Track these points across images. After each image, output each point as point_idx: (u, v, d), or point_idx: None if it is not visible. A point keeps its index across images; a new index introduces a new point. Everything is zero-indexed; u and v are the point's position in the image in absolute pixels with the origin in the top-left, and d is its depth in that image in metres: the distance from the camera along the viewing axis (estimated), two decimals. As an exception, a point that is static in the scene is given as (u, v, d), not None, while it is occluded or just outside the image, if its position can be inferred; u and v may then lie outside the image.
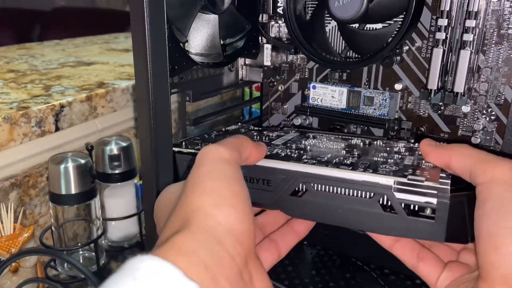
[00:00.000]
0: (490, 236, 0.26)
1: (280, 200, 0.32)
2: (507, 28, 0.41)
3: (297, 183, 0.32)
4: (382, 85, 0.49)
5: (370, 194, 0.30)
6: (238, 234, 0.25)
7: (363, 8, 0.41)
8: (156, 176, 0.41)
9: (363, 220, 0.31)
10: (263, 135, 0.44)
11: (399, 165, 0.33)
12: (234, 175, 0.27)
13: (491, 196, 0.26)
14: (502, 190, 0.26)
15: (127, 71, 0.88)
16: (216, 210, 0.25)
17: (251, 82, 0.58)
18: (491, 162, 0.28)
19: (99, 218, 0.60)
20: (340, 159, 0.34)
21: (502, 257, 0.25)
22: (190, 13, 0.44)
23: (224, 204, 0.26)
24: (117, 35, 1.58)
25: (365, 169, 0.31)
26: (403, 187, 0.30)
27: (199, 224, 0.25)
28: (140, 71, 0.38)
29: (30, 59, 1.05)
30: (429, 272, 0.32)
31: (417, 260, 0.32)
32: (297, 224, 0.34)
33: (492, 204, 0.26)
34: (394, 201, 0.30)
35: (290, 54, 0.54)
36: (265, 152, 0.33)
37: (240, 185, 0.27)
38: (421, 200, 0.29)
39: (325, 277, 0.52)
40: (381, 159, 0.35)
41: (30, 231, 0.54)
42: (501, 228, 0.25)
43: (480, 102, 0.43)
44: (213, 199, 0.26)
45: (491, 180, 0.27)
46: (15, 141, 0.58)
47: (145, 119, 0.39)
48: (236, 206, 0.26)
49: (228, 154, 0.28)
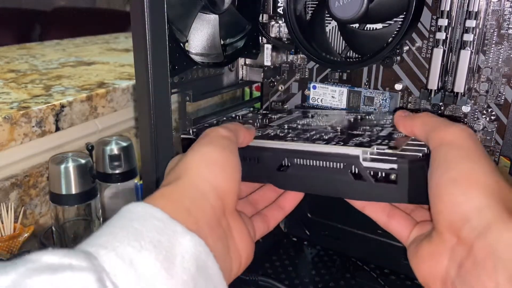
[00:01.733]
0: (436, 188, 0.28)
1: (269, 175, 0.36)
2: (507, 28, 0.41)
3: (280, 159, 0.36)
4: (382, 85, 0.49)
5: (342, 164, 0.34)
6: (221, 191, 0.30)
7: (363, 8, 0.41)
8: (156, 176, 0.41)
9: (338, 188, 0.34)
10: (266, 117, 0.49)
11: (372, 137, 0.36)
12: (228, 146, 0.32)
13: (438, 155, 0.30)
14: (448, 149, 0.29)
15: (128, 71, 0.88)
16: (206, 169, 0.30)
17: (251, 82, 0.58)
18: (442, 127, 0.31)
19: (99, 218, 0.60)
20: (322, 135, 0.38)
21: (446, 206, 0.28)
22: (190, 13, 0.44)
23: (214, 165, 0.31)
24: (117, 35, 1.58)
25: (337, 143, 0.35)
26: (370, 156, 0.33)
27: (188, 179, 0.30)
28: (141, 71, 0.38)
29: (31, 59, 1.05)
30: (400, 229, 0.34)
31: (387, 219, 0.35)
32: (284, 202, 0.39)
33: (438, 161, 0.29)
34: (361, 169, 0.33)
35: (290, 54, 0.54)
36: (254, 134, 0.38)
37: (233, 154, 0.32)
38: (386, 167, 0.32)
39: (325, 277, 0.52)
40: (361, 132, 0.38)
41: (30, 231, 0.54)
42: (444, 179, 0.28)
43: (480, 102, 0.44)
44: (206, 160, 0.31)
45: (440, 143, 0.30)
46: (16, 141, 0.58)
47: (146, 119, 0.39)
48: (225, 169, 0.31)
49: (226, 132, 0.33)
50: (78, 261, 0.22)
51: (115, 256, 0.24)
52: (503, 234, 0.25)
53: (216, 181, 0.30)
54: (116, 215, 0.27)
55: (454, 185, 0.27)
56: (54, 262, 0.22)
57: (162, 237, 0.25)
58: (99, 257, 0.23)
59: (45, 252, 0.23)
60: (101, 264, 0.23)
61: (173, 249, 0.25)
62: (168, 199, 0.28)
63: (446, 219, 0.28)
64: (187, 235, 0.26)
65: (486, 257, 0.25)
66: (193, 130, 0.45)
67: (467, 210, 0.27)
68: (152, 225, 0.26)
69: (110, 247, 0.24)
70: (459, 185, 0.27)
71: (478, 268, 0.25)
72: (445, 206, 0.28)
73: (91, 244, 0.24)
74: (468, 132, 0.30)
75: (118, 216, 0.27)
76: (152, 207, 0.27)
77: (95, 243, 0.24)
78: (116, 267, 0.23)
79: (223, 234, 0.30)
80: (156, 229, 0.26)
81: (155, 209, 0.27)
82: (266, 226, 0.37)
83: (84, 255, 0.23)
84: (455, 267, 0.27)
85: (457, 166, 0.28)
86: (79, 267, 0.22)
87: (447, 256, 0.28)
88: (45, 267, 0.21)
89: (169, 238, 0.26)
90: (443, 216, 0.28)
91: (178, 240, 0.26)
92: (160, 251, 0.25)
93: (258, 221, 0.37)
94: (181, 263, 0.25)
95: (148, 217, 0.26)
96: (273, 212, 0.38)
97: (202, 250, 0.27)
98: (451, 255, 0.27)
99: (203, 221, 0.28)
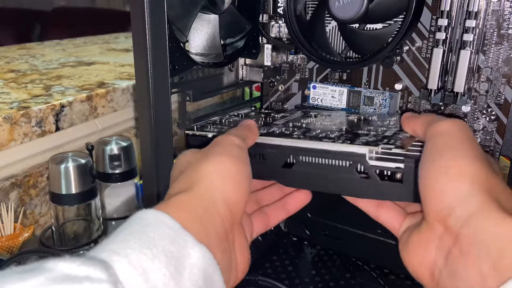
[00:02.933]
0: (425, 177, 0.29)
1: (274, 172, 0.37)
2: (507, 28, 0.41)
3: (286, 156, 0.36)
4: (382, 85, 0.49)
5: (348, 162, 0.34)
6: (231, 202, 0.31)
7: (363, 8, 0.41)
8: (156, 176, 0.41)
9: (344, 186, 0.35)
10: (269, 116, 0.49)
11: (378, 136, 0.36)
12: (241, 156, 0.33)
13: (430, 145, 0.30)
14: (438, 139, 0.30)
15: (128, 71, 0.88)
16: (219, 180, 0.31)
17: (251, 82, 0.58)
18: (434, 122, 0.31)
19: (99, 218, 0.60)
20: (328, 133, 0.38)
21: (434, 195, 0.28)
22: (191, 13, 0.44)
23: (227, 176, 0.31)
24: (117, 35, 1.58)
25: (344, 141, 0.35)
26: (375, 155, 0.33)
27: (201, 189, 0.30)
28: (141, 71, 0.38)
29: (31, 59, 1.05)
30: (390, 219, 0.35)
31: (376, 209, 0.35)
32: (289, 203, 0.39)
33: (429, 151, 0.30)
34: (367, 167, 0.33)
35: (290, 54, 0.54)
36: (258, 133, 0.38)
37: (245, 165, 0.33)
38: (392, 165, 0.33)
39: (325, 277, 0.52)
40: (366, 131, 0.38)
41: (30, 231, 0.54)
42: (433, 168, 0.28)
43: (480, 102, 0.44)
44: (219, 171, 0.31)
45: (433, 134, 0.31)
46: (16, 141, 0.58)
47: (146, 119, 0.39)
48: (237, 181, 0.31)
49: (238, 141, 0.34)
50: (95, 272, 0.22)
51: (128, 264, 0.24)
52: (487, 222, 0.25)
53: (226, 192, 0.31)
54: (129, 220, 0.28)
55: (441, 174, 0.28)
56: (72, 272, 0.22)
57: (173, 247, 0.26)
58: (113, 264, 0.23)
59: (61, 259, 0.23)
60: (116, 273, 0.23)
61: (183, 260, 0.26)
62: (182, 208, 0.29)
63: (434, 207, 0.28)
64: (196, 246, 0.27)
65: (470, 246, 0.25)
66: (197, 126, 0.45)
67: (453, 199, 0.27)
68: (164, 233, 0.26)
69: (122, 253, 0.24)
70: (446, 174, 0.27)
71: (463, 257, 0.26)
72: (433, 194, 0.28)
73: (105, 250, 0.25)
74: (460, 123, 0.31)
75: (131, 221, 0.27)
76: (165, 214, 0.27)
77: (108, 249, 0.25)
78: (129, 277, 0.23)
79: (228, 247, 0.31)
80: (168, 237, 0.26)
81: (167, 217, 0.27)
82: (265, 225, 0.37)
83: (101, 264, 0.23)
84: (442, 256, 0.27)
85: (446, 155, 0.28)
86: (98, 279, 0.22)
87: (434, 245, 0.28)
88: (64, 277, 0.21)
89: (180, 249, 0.26)
90: (431, 204, 0.28)
91: (188, 251, 0.26)
92: (171, 262, 0.25)
93: (258, 218, 0.37)
94: (190, 275, 0.26)
95: (160, 225, 0.27)
96: (276, 212, 0.38)
97: (210, 263, 0.27)
98: (439, 244, 0.28)
99: (213, 233, 0.29)
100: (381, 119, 0.44)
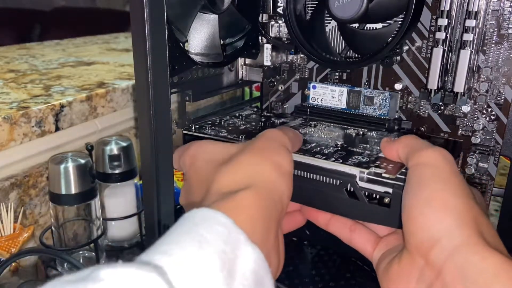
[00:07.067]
0: (409, 207, 0.28)
1: None
2: (507, 28, 0.41)
3: None
4: (382, 85, 0.49)
5: (339, 181, 0.35)
6: (286, 201, 0.32)
7: (363, 8, 0.41)
8: (156, 176, 0.41)
9: (331, 204, 0.35)
10: (269, 121, 0.50)
11: (371, 157, 0.36)
12: (290, 156, 0.33)
13: (413, 175, 0.30)
14: (422, 169, 0.30)
15: (127, 71, 0.88)
16: (280, 178, 0.31)
17: (251, 82, 0.58)
18: (419, 149, 0.31)
19: (99, 218, 0.60)
20: (322, 148, 0.38)
21: (417, 226, 0.27)
22: (190, 13, 0.44)
23: (286, 174, 0.32)
24: (117, 35, 1.58)
25: (337, 159, 0.36)
26: (366, 176, 0.34)
27: (262, 188, 0.30)
28: (140, 71, 0.38)
29: (30, 59, 1.05)
30: (364, 243, 0.35)
31: (349, 233, 0.36)
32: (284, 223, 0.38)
33: (412, 182, 0.29)
34: (356, 189, 0.34)
35: (290, 54, 0.54)
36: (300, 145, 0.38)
37: (293, 164, 0.33)
38: (381, 189, 0.33)
39: (325, 277, 0.52)
40: (360, 150, 0.39)
41: (30, 231, 0.54)
42: (416, 199, 0.28)
43: (480, 102, 0.43)
44: (279, 170, 0.31)
45: (416, 163, 0.30)
46: (15, 141, 0.58)
47: (145, 119, 0.39)
48: (291, 180, 0.32)
49: (288, 142, 0.34)
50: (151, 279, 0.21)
51: (180, 266, 0.23)
52: (473, 257, 0.25)
53: (283, 190, 0.31)
54: (182, 219, 0.27)
55: (425, 205, 0.27)
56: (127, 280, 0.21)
57: (227, 246, 0.25)
58: (165, 269, 0.23)
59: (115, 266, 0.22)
60: (169, 280, 0.22)
61: (236, 262, 0.25)
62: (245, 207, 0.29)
63: (416, 238, 0.27)
64: (248, 246, 0.26)
65: (455, 281, 0.25)
66: (195, 126, 0.45)
67: (437, 231, 0.26)
68: (216, 231, 0.25)
69: (175, 255, 0.24)
70: (430, 206, 0.27)
71: None
72: (415, 226, 0.27)
73: (157, 251, 0.24)
74: (443, 153, 0.30)
75: (183, 220, 0.27)
76: (216, 211, 0.27)
77: (161, 250, 0.24)
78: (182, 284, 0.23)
79: (278, 246, 0.30)
80: (221, 236, 0.25)
81: (219, 213, 0.27)
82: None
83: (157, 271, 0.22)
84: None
85: (429, 187, 0.28)
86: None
87: (415, 278, 0.27)
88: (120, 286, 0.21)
89: (233, 249, 0.25)
90: (413, 236, 0.28)
91: (241, 251, 0.26)
92: (224, 264, 0.24)
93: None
94: (241, 279, 0.25)
95: (212, 222, 0.26)
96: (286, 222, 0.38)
97: (261, 265, 0.26)
98: (420, 278, 0.27)
99: (272, 231, 0.29)
100: (379, 137, 0.44)
